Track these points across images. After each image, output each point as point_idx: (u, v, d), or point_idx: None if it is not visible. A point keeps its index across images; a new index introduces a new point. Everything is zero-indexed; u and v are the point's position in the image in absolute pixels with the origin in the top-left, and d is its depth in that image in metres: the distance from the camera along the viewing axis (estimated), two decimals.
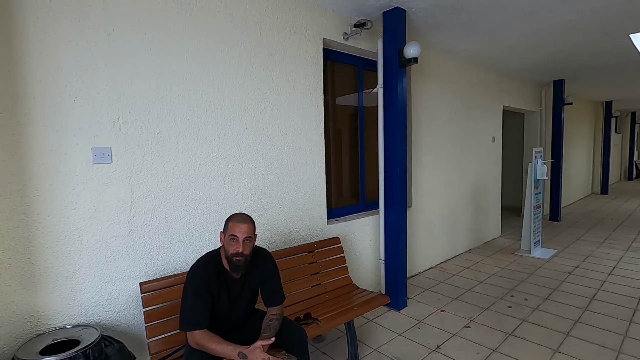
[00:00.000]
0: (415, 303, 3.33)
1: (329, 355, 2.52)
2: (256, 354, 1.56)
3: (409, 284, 3.77)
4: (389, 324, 2.94)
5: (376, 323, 2.97)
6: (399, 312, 3.16)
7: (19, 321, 1.71)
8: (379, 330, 2.86)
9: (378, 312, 3.14)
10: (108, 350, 1.73)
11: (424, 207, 4.17)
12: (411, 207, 3.95)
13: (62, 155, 1.79)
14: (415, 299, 3.43)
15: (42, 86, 1.73)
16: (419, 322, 2.96)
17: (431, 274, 4.10)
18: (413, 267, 4.04)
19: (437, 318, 3.03)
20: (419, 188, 4.08)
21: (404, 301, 3.24)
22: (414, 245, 4.01)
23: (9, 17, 1.65)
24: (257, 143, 2.56)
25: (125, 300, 2.01)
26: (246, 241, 1.67)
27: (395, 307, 3.19)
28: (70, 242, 1.83)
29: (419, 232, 4.09)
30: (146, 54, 2.03)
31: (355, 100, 3.55)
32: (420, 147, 4.06)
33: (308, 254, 2.67)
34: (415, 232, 4.03)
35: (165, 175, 2.14)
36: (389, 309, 3.21)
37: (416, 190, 4.05)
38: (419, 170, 4.08)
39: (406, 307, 3.24)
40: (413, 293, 3.55)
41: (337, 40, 3.08)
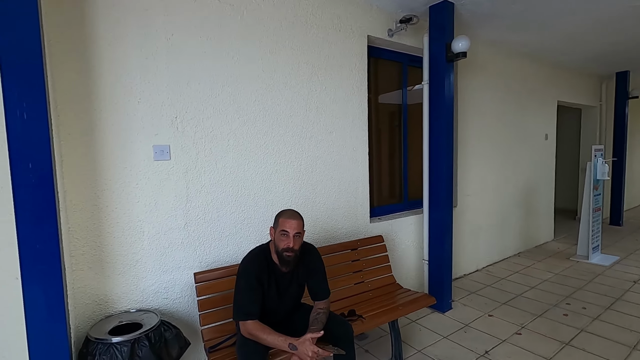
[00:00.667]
0: (460, 306, 3.22)
1: (371, 354, 2.51)
2: (306, 345, 1.59)
3: (453, 286, 3.64)
4: (433, 326, 2.87)
5: (419, 324, 2.91)
6: (443, 314, 3.07)
7: (91, 303, 1.88)
8: (423, 331, 2.80)
9: (421, 314, 3.08)
10: (167, 334, 1.85)
11: (470, 207, 4.01)
12: (456, 207, 3.82)
13: (127, 153, 1.94)
14: (461, 301, 3.31)
15: (111, 89, 1.89)
16: (465, 326, 2.86)
17: (477, 277, 3.94)
18: (457, 269, 3.90)
19: (484, 322, 2.91)
20: (464, 187, 3.93)
21: (448, 303, 3.15)
22: (459, 247, 3.88)
23: (86, 34, 1.81)
24: (302, 141, 2.61)
25: (180, 289, 2.14)
26: (296, 237, 1.71)
27: (439, 309, 3.11)
28: (133, 233, 1.98)
29: (464, 233, 3.95)
30: (201, 57, 2.14)
31: (399, 98, 3.49)
32: (466, 145, 3.92)
33: (351, 252, 2.68)
34: (460, 233, 3.89)
35: (217, 172, 2.24)
36: (432, 311, 3.13)
37: (462, 189, 3.91)
38: (465, 169, 3.93)
39: (451, 310, 3.14)
40: (458, 296, 3.43)
41: (381, 37, 3.05)
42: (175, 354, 1.86)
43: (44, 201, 1.41)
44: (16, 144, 1.35)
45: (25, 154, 1.37)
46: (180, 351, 1.90)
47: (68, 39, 1.77)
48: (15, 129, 1.34)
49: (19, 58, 1.35)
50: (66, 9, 1.76)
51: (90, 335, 1.71)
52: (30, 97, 1.37)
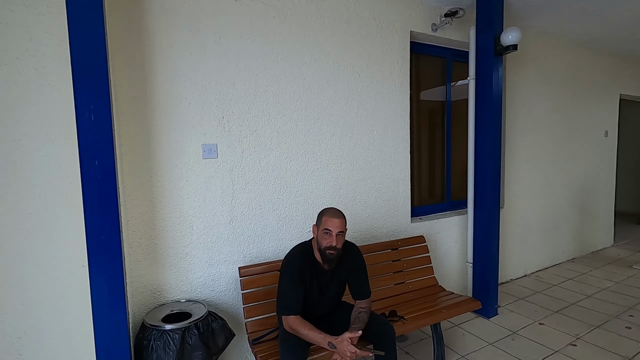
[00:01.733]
0: (507, 312, 3.06)
1: (412, 356, 2.46)
2: (344, 345, 1.60)
3: (499, 291, 3.47)
4: (477, 331, 2.76)
5: (462, 329, 2.81)
6: (488, 319, 2.94)
7: (145, 292, 2.01)
8: (467, 336, 2.70)
9: (464, 318, 2.97)
10: (214, 325, 1.94)
11: (518, 209, 3.80)
12: (503, 208, 3.63)
13: (179, 151, 2.05)
14: (507, 307, 3.15)
15: (164, 92, 2.00)
16: (513, 333, 2.72)
17: (525, 283, 3.72)
18: (503, 274, 3.71)
19: (534, 331, 2.74)
20: (512, 188, 3.73)
21: (494, 309, 3.01)
22: (505, 250, 3.68)
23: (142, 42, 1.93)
24: (343, 139, 2.61)
25: (226, 282, 2.23)
26: (339, 235, 1.72)
27: (484, 314, 2.98)
28: (183, 227, 2.10)
29: (511, 236, 3.75)
30: (247, 58, 2.21)
31: (442, 94, 3.38)
32: (515, 143, 3.71)
33: (392, 251, 2.65)
34: (507, 235, 3.70)
35: (260, 170, 2.31)
36: (476, 316, 3.01)
37: (509, 190, 3.71)
38: (513, 169, 3.72)
39: (497, 316, 3.00)
40: (504, 301, 3.27)
41: (424, 32, 2.97)
42: (221, 344, 1.95)
43: (108, 195, 1.54)
44: (85, 143, 1.48)
45: (92, 152, 1.50)
46: (226, 341, 1.98)
47: (127, 48, 1.90)
48: (84, 130, 1.47)
49: (88, 66, 1.48)
50: (125, 21, 1.89)
51: (146, 321, 1.83)
52: (97, 101, 1.49)
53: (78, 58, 1.45)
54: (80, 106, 1.46)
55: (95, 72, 1.48)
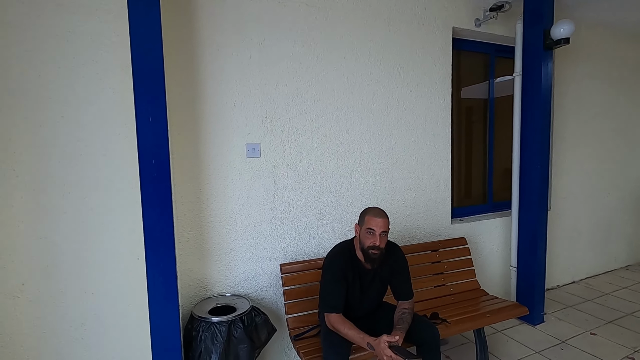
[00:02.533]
0: (554, 320, 2.91)
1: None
2: (381, 347, 1.59)
3: (545, 297, 3.30)
4: (522, 339, 2.65)
5: (506, 335, 2.71)
6: (534, 327, 2.81)
7: (193, 285, 2.11)
8: (511, 343, 2.59)
9: (508, 324, 2.85)
10: (257, 319, 1.99)
11: (566, 211, 3.59)
12: (550, 210, 3.45)
13: (224, 151, 2.13)
14: (554, 315, 3.00)
15: (211, 94, 2.08)
16: (562, 343, 2.58)
17: (574, 290, 3.52)
18: (549, 279, 3.52)
19: (585, 341, 2.59)
20: (560, 189, 3.54)
21: (540, 316, 2.87)
22: (552, 254, 3.50)
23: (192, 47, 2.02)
24: (382, 138, 2.59)
25: (267, 278, 2.29)
26: (382, 235, 1.71)
27: (529, 321, 2.85)
28: (228, 224, 2.17)
29: (558, 240, 3.56)
30: (289, 59, 2.25)
31: (484, 91, 3.26)
32: (563, 142, 3.51)
33: (431, 253, 2.59)
34: (554, 239, 3.51)
35: (301, 169, 2.34)
36: (521, 322, 2.88)
37: (556, 191, 3.52)
38: (561, 169, 3.53)
39: (543, 323, 2.86)
40: (551, 308, 3.11)
41: (467, 28, 2.88)
42: (263, 339, 2.00)
43: (163, 193, 1.63)
44: (144, 143, 1.58)
45: (149, 152, 1.59)
46: (268, 336, 2.03)
47: (178, 52, 1.99)
48: (143, 131, 1.56)
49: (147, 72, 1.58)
50: (177, 26, 1.98)
51: (194, 313, 1.92)
52: (155, 104, 1.58)
53: (138, 64, 1.55)
54: (140, 109, 1.55)
55: (153, 77, 1.58)
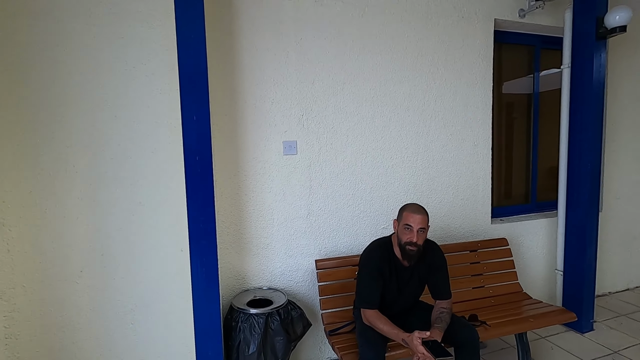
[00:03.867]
0: (605, 329, 2.73)
1: None
2: (414, 344, 1.57)
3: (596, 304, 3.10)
4: (568, 347, 2.50)
5: (551, 342, 2.57)
6: (582, 334, 2.65)
7: (232, 277, 2.19)
8: (555, 351, 2.46)
9: (552, 330, 2.71)
10: (293, 313, 2.04)
11: (620, 213, 3.34)
12: (601, 212, 3.22)
13: (262, 148, 2.19)
14: (605, 323, 2.80)
15: (251, 92, 2.15)
16: (614, 353, 2.41)
17: (628, 297, 3.27)
18: (600, 285, 3.28)
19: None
20: (612, 189, 3.30)
21: (589, 324, 2.70)
22: (602, 259, 3.27)
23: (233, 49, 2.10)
24: (419, 135, 2.54)
25: (302, 274, 2.33)
26: (420, 232, 1.69)
27: (577, 329, 2.69)
28: (265, 219, 2.23)
29: (610, 244, 3.32)
30: (325, 57, 2.27)
31: (528, 86, 3.11)
32: (617, 139, 3.27)
33: (470, 253, 2.52)
34: (605, 242, 3.28)
35: (336, 166, 2.35)
36: (567, 329, 2.73)
37: (609, 191, 3.28)
38: (614, 168, 3.29)
39: (592, 331, 2.68)
40: (601, 316, 2.91)
41: (510, 20, 2.75)
42: (299, 332, 2.04)
43: (206, 188, 1.71)
44: (189, 141, 1.66)
45: (194, 149, 1.68)
46: (303, 330, 2.07)
47: (219, 53, 2.07)
48: (189, 129, 1.65)
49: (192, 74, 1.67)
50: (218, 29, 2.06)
51: (233, 304, 1.99)
52: (199, 104, 1.66)
53: (184, 67, 1.64)
54: (186, 109, 1.64)
55: (197, 79, 1.66)
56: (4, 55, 1.70)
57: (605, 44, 2.54)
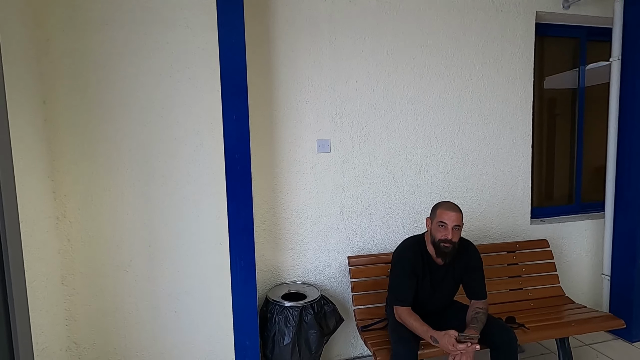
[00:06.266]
0: None
1: None
2: (446, 339, 1.56)
3: None
4: (615, 356, 2.37)
5: (595, 349, 2.44)
6: (631, 344, 2.49)
7: (267, 271, 2.27)
8: (601, 359, 2.34)
9: (598, 338, 2.57)
10: (326, 308, 2.08)
11: None
12: None
13: (297, 146, 2.25)
14: None
15: (286, 92, 2.21)
16: None
17: None
18: None
19: None
20: None
21: (639, 332, 2.53)
22: None
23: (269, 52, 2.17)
24: (454, 133, 2.50)
25: (335, 270, 2.37)
26: (455, 229, 1.68)
27: (626, 337, 2.53)
28: (299, 215, 2.29)
29: None
30: (359, 56, 2.29)
31: (573, 80, 2.96)
32: None
33: (507, 254, 2.45)
34: None
35: (369, 164, 2.37)
36: (615, 337, 2.58)
37: None
38: None
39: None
40: None
41: (553, 12, 2.64)
42: (332, 327, 2.09)
43: (245, 185, 1.79)
44: (229, 140, 1.75)
45: (234, 147, 1.77)
46: (336, 325, 2.11)
47: (256, 54, 2.15)
48: (229, 128, 1.74)
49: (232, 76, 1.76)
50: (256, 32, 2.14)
51: (269, 297, 2.07)
52: (239, 105, 1.75)
53: (225, 70, 1.74)
54: (227, 109, 1.73)
55: (237, 80, 1.75)
56: (69, 63, 1.87)
57: None
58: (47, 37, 1.83)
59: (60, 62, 1.86)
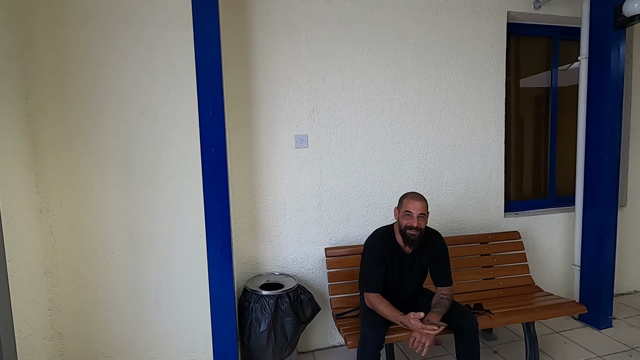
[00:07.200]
0: (625, 326, 2.66)
1: (501, 356, 2.34)
2: (409, 318, 1.65)
3: (618, 302, 3.01)
4: (583, 342, 2.47)
5: (564, 336, 2.54)
6: (599, 331, 2.60)
7: (247, 263, 2.34)
8: (569, 345, 2.44)
9: (568, 326, 2.67)
10: (302, 297, 2.16)
11: None
12: (625, 207, 3.12)
13: (275, 141, 2.33)
14: (626, 321, 2.73)
15: (264, 90, 2.29)
16: (630, 350, 2.36)
17: None
18: (625, 283, 3.20)
19: None
20: (638, 184, 3.17)
21: (607, 320, 2.64)
22: (628, 256, 3.16)
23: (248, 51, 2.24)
24: (429, 128, 2.59)
25: (313, 261, 2.44)
26: (420, 217, 1.76)
27: (594, 325, 2.64)
28: (278, 209, 2.37)
29: (637, 240, 3.20)
30: (335, 54, 2.37)
31: (547, 79, 3.06)
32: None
33: (480, 245, 2.54)
34: (632, 239, 3.17)
35: (346, 159, 2.45)
36: (584, 325, 2.68)
37: (634, 186, 3.16)
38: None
39: (611, 328, 2.62)
40: (622, 314, 2.83)
41: (525, 12, 2.73)
42: (308, 315, 2.16)
43: (221, 178, 1.86)
44: (205, 134, 1.82)
45: (209, 141, 1.83)
46: (312, 313, 2.19)
47: (235, 52, 2.22)
48: (204, 122, 1.81)
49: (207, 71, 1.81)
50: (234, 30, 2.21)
51: (247, 286, 2.14)
52: (214, 99, 1.81)
53: (201, 66, 1.80)
54: (202, 103, 1.80)
55: (213, 76, 1.81)
56: (52, 60, 1.93)
57: (624, 34, 2.47)
58: (30, 35, 1.90)
59: (42, 59, 1.92)
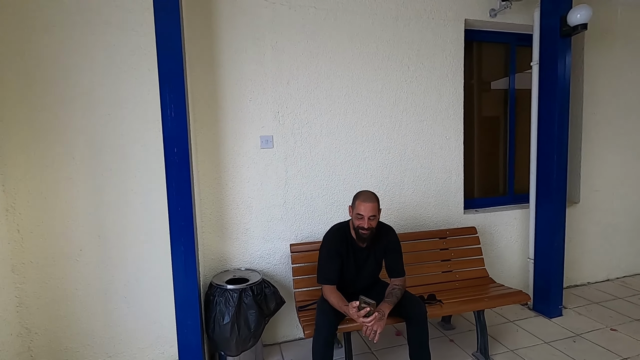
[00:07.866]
0: (573, 314, 2.84)
1: (456, 344, 2.48)
2: (351, 311, 1.77)
3: (570, 293, 3.21)
4: (533, 329, 2.63)
5: (517, 325, 2.71)
6: (549, 319, 2.77)
7: (213, 259, 2.43)
8: (520, 333, 2.60)
9: (522, 315, 2.84)
10: (266, 290, 2.26)
11: (599, 205, 3.42)
12: (579, 204, 3.32)
13: (241, 142, 2.41)
14: (575, 310, 2.91)
15: (230, 92, 2.37)
16: (575, 336, 2.53)
17: (606, 287, 3.35)
18: (578, 275, 3.40)
19: (603, 336, 2.52)
20: (592, 182, 3.38)
21: (557, 309, 2.81)
22: (582, 250, 3.37)
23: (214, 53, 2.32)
24: (391, 130, 2.72)
25: (279, 257, 2.54)
26: (371, 219, 1.88)
27: (545, 314, 2.81)
28: (244, 207, 2.46)
29: (590, 235, 3.41)
30: (299, 58, 2.47)
31: (506, 82, 3.23)
32: (596, 133, 3.34)
33: (439, 240, 2.68)
34: (585, 234, 3.37)
35: (311, 159, 2.56)
36: (536, 314, 2.85)
37: (587, 183, 3.36)
38: (594, 161, 3.36)
39: (560, 317, 2.80)
40: (573, 304, 3.02)
41: (481, 19, 2.89)
42: (272, 308, 2.26)
43: (183, 177, 1.94)
44: (168, 134, 1.90)
45: (172, 141, 1.91)
46: (277, 306, 2.28)
47: (202, 56, 2.30)
48: (167, 123, 1.89)
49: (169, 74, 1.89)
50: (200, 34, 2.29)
51: (213, 282, 2.23)
52: (176, 100, 1.89)
53: (163, 68, 1.87)
54: (164, 104, 1.88)
55: (174, 78, 1.89)
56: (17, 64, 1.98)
57: (569, 42, 2.65)
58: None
59: (7, 62, 1.97)
